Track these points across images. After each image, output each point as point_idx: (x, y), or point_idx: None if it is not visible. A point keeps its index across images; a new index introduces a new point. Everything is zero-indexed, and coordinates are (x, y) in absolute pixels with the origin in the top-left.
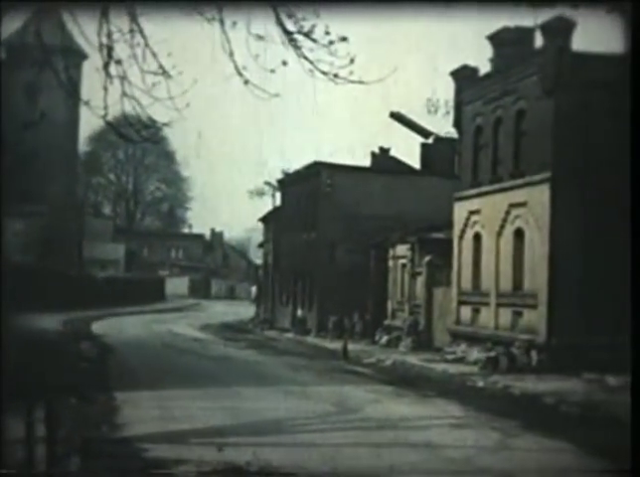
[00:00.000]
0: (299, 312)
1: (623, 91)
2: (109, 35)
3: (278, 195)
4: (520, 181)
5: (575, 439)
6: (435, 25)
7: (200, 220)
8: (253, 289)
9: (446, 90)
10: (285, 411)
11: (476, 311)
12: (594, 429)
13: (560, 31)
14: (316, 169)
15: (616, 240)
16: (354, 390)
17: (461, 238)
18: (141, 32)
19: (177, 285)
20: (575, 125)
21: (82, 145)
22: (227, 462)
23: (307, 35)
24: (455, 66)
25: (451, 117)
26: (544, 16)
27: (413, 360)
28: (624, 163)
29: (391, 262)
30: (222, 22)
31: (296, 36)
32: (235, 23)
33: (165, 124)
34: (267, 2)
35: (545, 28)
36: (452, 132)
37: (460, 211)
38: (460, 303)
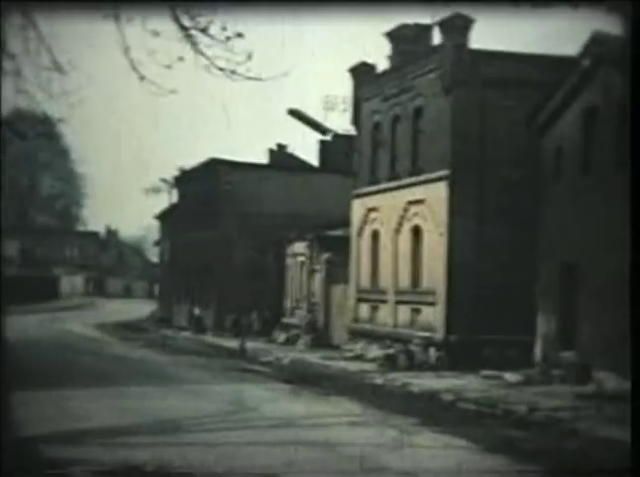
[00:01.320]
0: (196, 310)
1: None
2: (1, 29)
3: (175, 192)
4: (418, 178)
5: (472, 436)
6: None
7: (95, 217)
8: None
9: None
10: (182, 411)
11: (374, 309)
12: (492, 426)
13: (457, 28)
14: (213, 166)
15: (513, 237)
16: (252, 388)
17: (359, 235)
18: (35, 27)
19: (72, 283)
20: (473, 122)
21: None
22: (123, 462)
23: (203, 31)
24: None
25: (349, 114)
26: (442, 14)
27: (312, 358)
28: (522, 159)
29: (289, 260)
30: (118, 18)
31: (193, 32)
32: (130, 19)
33: (60, 120)
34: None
35: (443, 25)
36: (351, 129)
37: (358, 208)
38: (358, 301)
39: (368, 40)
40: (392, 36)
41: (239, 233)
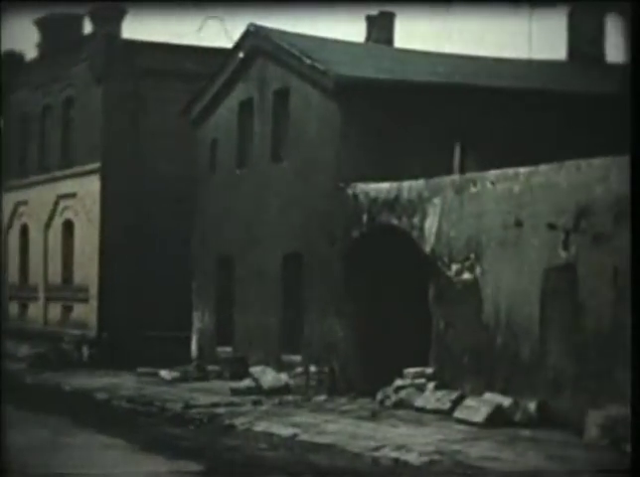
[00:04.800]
0: None
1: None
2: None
3: None
4: (69, 171)
5: (128, 435)
6: None
7: None
8: None
9: None
10: None
11: (24, 306)
12: (148, 424)
13: (109, 18)
14: None
15: (173, 232)
16: None
17: (9, 230)
18: None
19: None
20: (126, 114)
21: None
22: None
23: None
24: None
25: None
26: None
27: None
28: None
29: None
30: None
31: None
32: None
33: None
34: None
35: (93, 15)
36: None
37: (7, 202)
38: (9, 298)
39: None
40: (41, 24)
41: None
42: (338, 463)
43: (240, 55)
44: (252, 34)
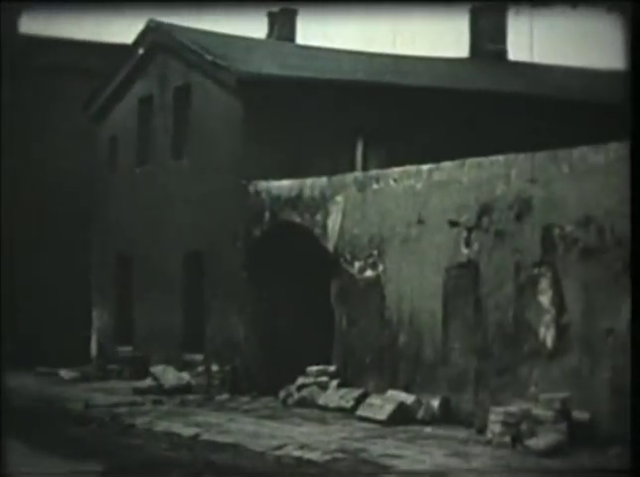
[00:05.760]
0: None
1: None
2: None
3: None
4: None
5: (25, 436)
6: None
7: None
8: None
9: None
10: None
11: None
12: (48, 424)
13: (9, 12)
14: None
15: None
16: None
17: None
18: None
19: None
20: (24, 111)
21: None
22: None
23: None
24: None
25: None
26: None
27: None
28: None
29: None
30: None
31: None
32: None
33: None
34: None
35: None
36: None
37: None
38: None
39: None
40: None
41: None
42: (240, 463)
43: (140, 51)
44: (153, 30)
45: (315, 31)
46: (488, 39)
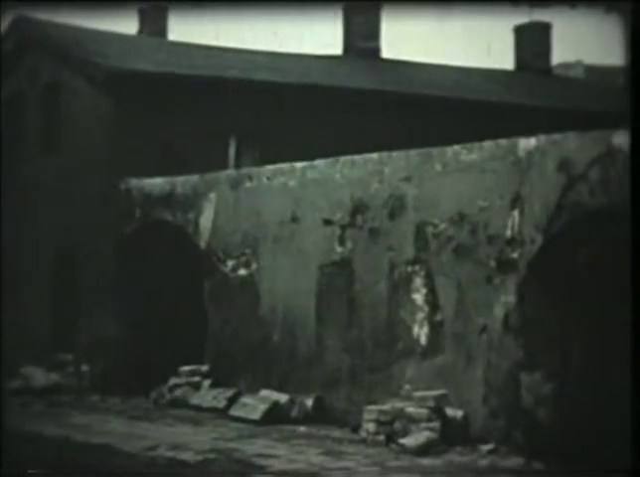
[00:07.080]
0: None
1: None
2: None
3: None
4: None
5: None
6: None
7: None
8: None
9: None
10: None
11: None
12: None
13: None
14: None
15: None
16: None
17: None
18: None
19: None
20: None
21: None
22: None
23: None
24: None
25: None
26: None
27: None
28: None
29: None
30: None
31: None
32: None
33: None
34: None
35: None
36: None
37: None
38: None
39: None
40: None
41: None
42: (113, 464)
43: (8, 47)
44: (21, 24)
45: (191, 28)
46: (361, 37)
